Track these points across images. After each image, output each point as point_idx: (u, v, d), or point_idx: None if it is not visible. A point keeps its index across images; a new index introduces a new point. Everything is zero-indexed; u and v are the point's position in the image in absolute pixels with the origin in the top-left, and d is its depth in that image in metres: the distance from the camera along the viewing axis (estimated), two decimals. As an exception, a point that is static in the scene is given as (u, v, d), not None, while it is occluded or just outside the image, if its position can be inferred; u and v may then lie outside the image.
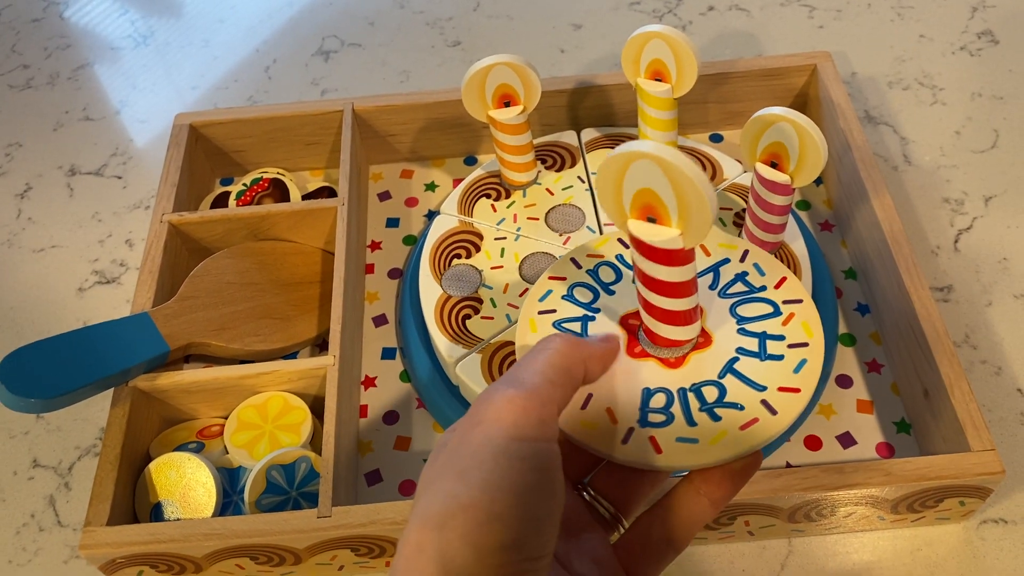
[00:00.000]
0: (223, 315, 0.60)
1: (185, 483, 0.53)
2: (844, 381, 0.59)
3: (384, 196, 0.72)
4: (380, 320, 0.65)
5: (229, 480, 0.55)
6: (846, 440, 0.57)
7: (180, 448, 0.56)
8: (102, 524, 0.50)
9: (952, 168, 0.70)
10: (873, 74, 0.77)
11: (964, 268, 0.64)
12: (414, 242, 0.69)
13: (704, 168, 0.65)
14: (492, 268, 0.61)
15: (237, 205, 0.68)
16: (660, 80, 0.61)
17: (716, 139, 0.73)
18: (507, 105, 0.61)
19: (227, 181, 0.74)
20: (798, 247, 0.60)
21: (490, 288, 0.60)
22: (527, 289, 0.60)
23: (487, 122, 0.62)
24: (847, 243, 0.66)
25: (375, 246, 0.69)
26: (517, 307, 0.59)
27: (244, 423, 0.56)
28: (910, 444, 0.56)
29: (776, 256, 0.59)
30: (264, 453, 0.54)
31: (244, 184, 0.69)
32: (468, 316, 0.59)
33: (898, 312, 0.57)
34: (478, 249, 0.62)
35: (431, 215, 0.71)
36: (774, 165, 0.55)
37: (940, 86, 0.75)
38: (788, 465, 0.56)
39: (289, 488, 0.53)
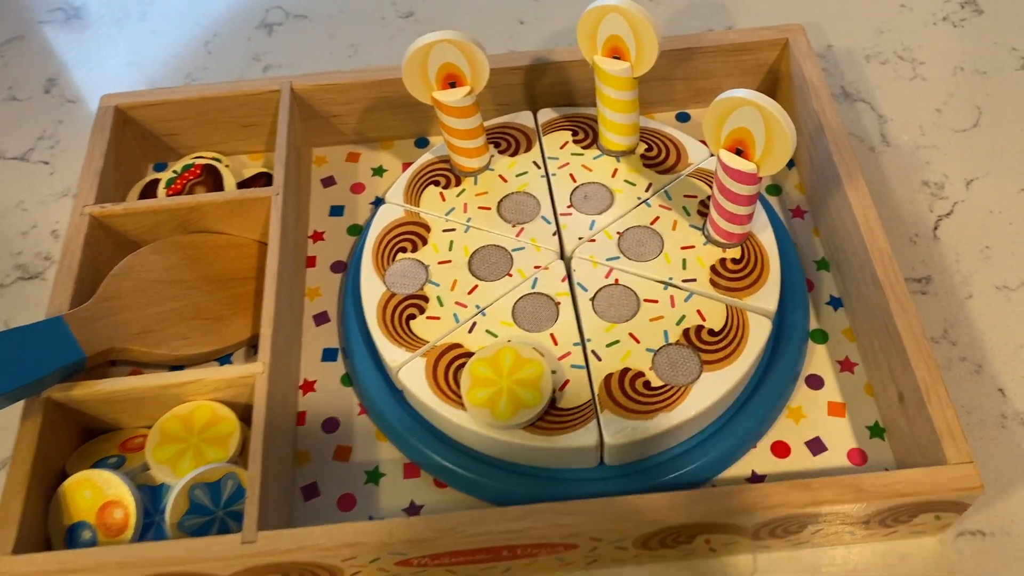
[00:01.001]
0: (147, 317, 0.55)
1: (103, 503, 0.49)
2: (815, 381, 0.55)
3: (328, 182, 0.67)
4: (321, 318, 0.60)
5: (151, 499, 0.51)
6: (816, 446, 0.53)
7: (100, 463, 0.52)
8: (7, 552, 0.46)
9: (932, 149, 0.66)
10: (850, 46, 0.72)
11: (944, 257, 0.60)
12: (359, 232, 0.65)
13: (667, 153, 0.61)
14: (439, 263, 0.57)
15: (167, 194, 0.63)
16: (618, 58, 0.56)
17: (683, 118, 0.69)
18: (452, 86, 0.56)
19: (160, 167, 0.69)
20: (766, 238, 0.56)
21: (437, 285, 0.56)
22: (476, 286, 0.55)
23: (432, 104, 0.57)
24: (820, 231, 0.62)
25: (317, 237, 0.64)
26: (465, 306, 0.55)
27: (167, 436, 0.52)
28: (883, 450, 0.53)
29: (743, 248, 0.55)
30: (188, 469, 0.50)
31: (175, 171, 0.64)
32: (412, 316, 0.54)
33: (872, 308, 0.54)
34: (425, 242, 0.58)
35: (378, 202, 0.66)
36: (739, 152, 0.51)
37: (920, 59, 0.71)
38: (753, 474, 0.52)
39: (215, 507, 0.49)
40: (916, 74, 0.70)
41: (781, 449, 0.53)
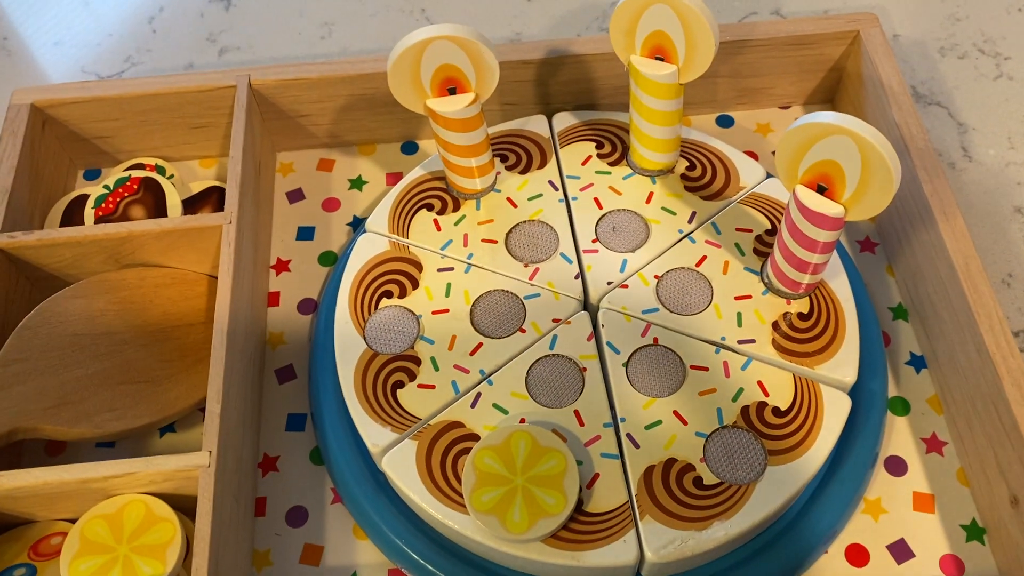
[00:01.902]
0: (63, 384, 0.44)
1: (3, 636, 0.38)
2: (896, 466, 0.45)
3: (295, 196, 0.55)
4: (286, 374, 0.49)
5: (68, 626, 0.40)
6: (900, 551, 0.43)
7: (3, 574, 0.41)
8: None
9: (1024, 166, 0.55)
10: (920, 37, 0.61)
11: (1043, 303, 0.50)
12: (333, 261, 0.53)
13: (714, 173, 0.50)
14: (434, 313, 0.45)
15: (96, 215, 0.51)
16: (662, 59, 0.44)
17: (725, 122, 0.57)
18: (452, 92, 0.44)
19: (93, 174, 0.57)
20: (839, 285, 0.45)
21: (431, 343, 0.44)
22: (481, 345, 0.44)
23: (425, 115, 0.45)
24: (895, 271, 0.51)
25: (281, 267, 0.53)
26: (467, 371, 0.44)
27: (90, 544, 0.41)
28: (984, 557, 0.43)
29: (812, 300, 0.44)
30: (114, 591, 0.39)
31: (106, 186, 0.52)
32: (400, 384, 0.43)
33: (971, 379, 0.43)
34: (415, 284, 0.46)
35: (356, 224, 0.54)
36: (822, 190, 0.39)
37: (1005, 53, 0.60)
38: (826, 588, 0.42)
39: (149, 642, 0.38)
40: (1001, 72, 0.59)
41: (858, 555, 0.43)
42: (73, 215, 0.52)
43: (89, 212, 0.51)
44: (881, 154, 0.36)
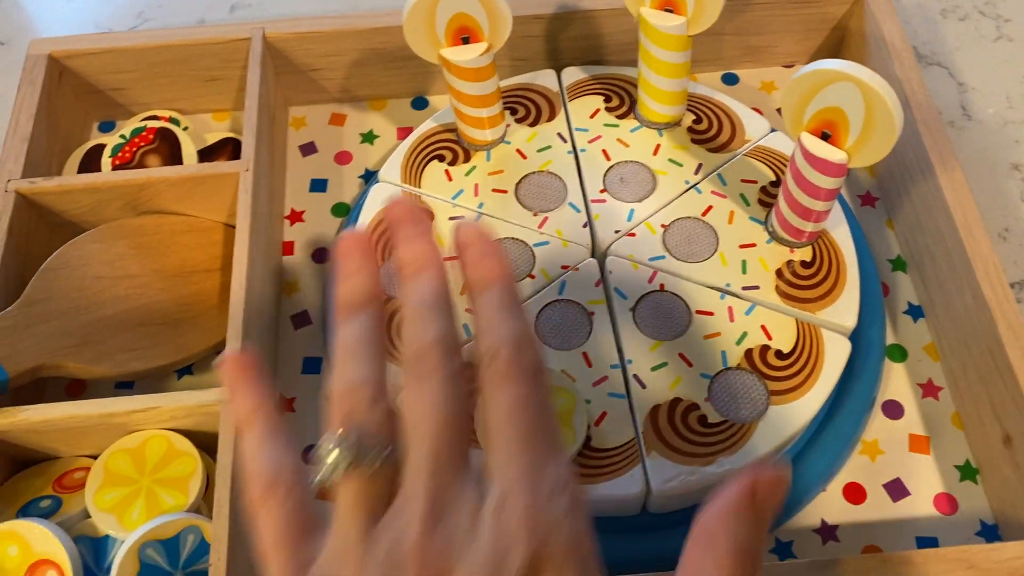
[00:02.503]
0: (86, 324, 0.45)
1: (32, 562, 0.40)
2: (893, 409, 0.47)
3: (308, 149, 0.56)
4: (301, 319, 0.50)
5: (94, 554, 0.41)
6: (896, 489, 0.44)
7: (29, 506, 0.42)
8: (-93, 634, 0.37)
9: (1022, 125, 0.56)
10: (922, -2, 0.62)
11: (1038, 257, 0.51)
12: (346, 212, 0.54)
13: (720, 127, 0.51)
14: (446, 259, 0.46)
15: (113, 165, 0.52)
16: (671, 10, 0.45)
17: (730, 80, 0.58)
18: (465, 42, 0.45)
19: (107, 126, 0.58)
20: (841, 235, 0.47)
21: (442, 287, 0.46)
22: (491, 290, 0.45)
23: (439, 63, 0.46)
24: (895, 224, 0.52)
25: (296, 217, 0.54)
26: (478, 315, 0.45)
27: (113, 475, 0.42)
28: (977, 496, 0.44)
29: (815, 248, 0.46)
30: (139, 520, 0.41)
31: (122, 136, 0.53)
32: (413, 326, 0.44)
33: (967, 325, 0.44)
34: (427, 232, 0.47)
35: (368, 176, 0.55)
36: (826, 137, 0.41)
37: (1006, 15, 0.61)
38: (824, 524, 0.44)
39: (172, 569, 0.40)
40: (1001, 33, 0.60)
41: (855, 493, 0.44)
42: (90, 164, 0.53)
43: (106, 161, 0.52)
44: (884, 100, 0.37)
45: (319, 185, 0.55)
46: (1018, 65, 0.58)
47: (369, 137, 0.57)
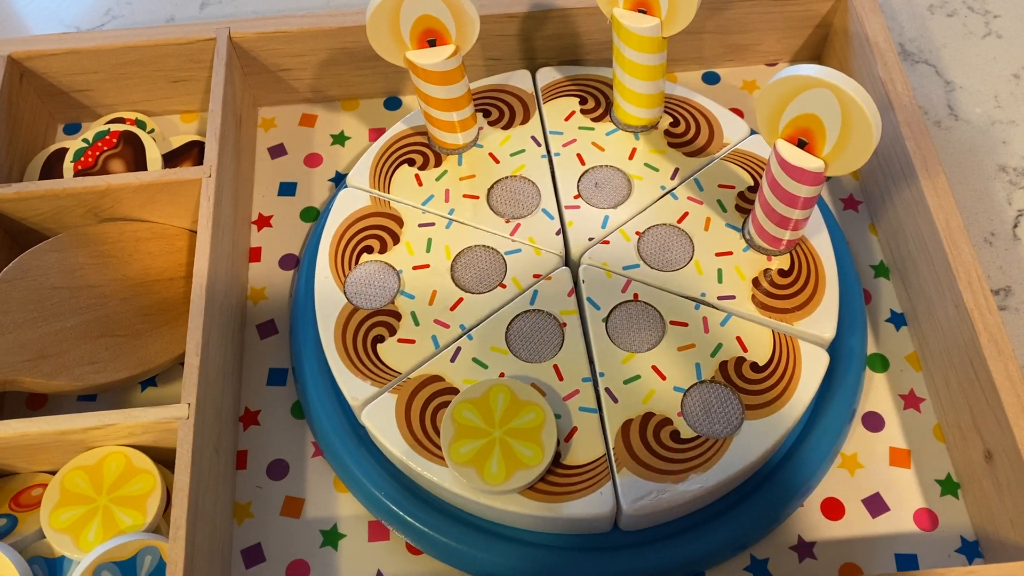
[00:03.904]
0: (43, 337, 0.44)
1: (-16, 584, 0.39)
2: (873, 421, 0.45)
3: (277, 151, 0.55)
4: (267, 328, 0.49)
5: (49, 575, 0.40)
6: (875, 504, 0.43)
7: (-17, 526, 0.41)
8: None
9: (1010, 125, 0.54)
10: (909, -7, 0.60)
11: (1024, 262, 0.50)
12: (315, 217, 0.53)
13: (697, 130, 0.49)
14: (415, 268, 0.45)
15: (75, 169, 0.51)
16: (644, 11, 0.44)
17: (711, 79, 0.57)
18: (432, 44, 0.44)
19: (73, 128, 0.56)
20: (820, 242, 0.45)
21: (411, 297, 0.44)
22: (461, 300, 0.44)
23: (405, 67, 0.45)
24: (878, 229, 0.51)
25: (263, 222, 0.53)
26: (447, 326, 0.44)
27: (70, 494, 0.41)
28: (958, 511, 0.43)
29: (793, 256, 0.44)
30: (95, 541, 0.40)
31: (85, 140, 0.52)
32: (380, 338, 0.43)
33: (949, 336, 0.43)
34: (396, 240, 0.46)
35: (338, 179, 0.54)
36: (802, 144, 0.39)
37: (995, 12, 0.59)
38: (800, 541, 0.42)
39: (129, 591, 0.39)
40: (990, 30, 0.58)
41: (834, 508, 0.43)
42: (52, 169, 0.52)
43: (68, 166, 0.51)
44: (861, 107, 0.36)
45: (288, 189, 0.53)
46: (1007, 63, 0.57)
47: (340, 139, 0.55)
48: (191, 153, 0.53)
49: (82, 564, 0.38)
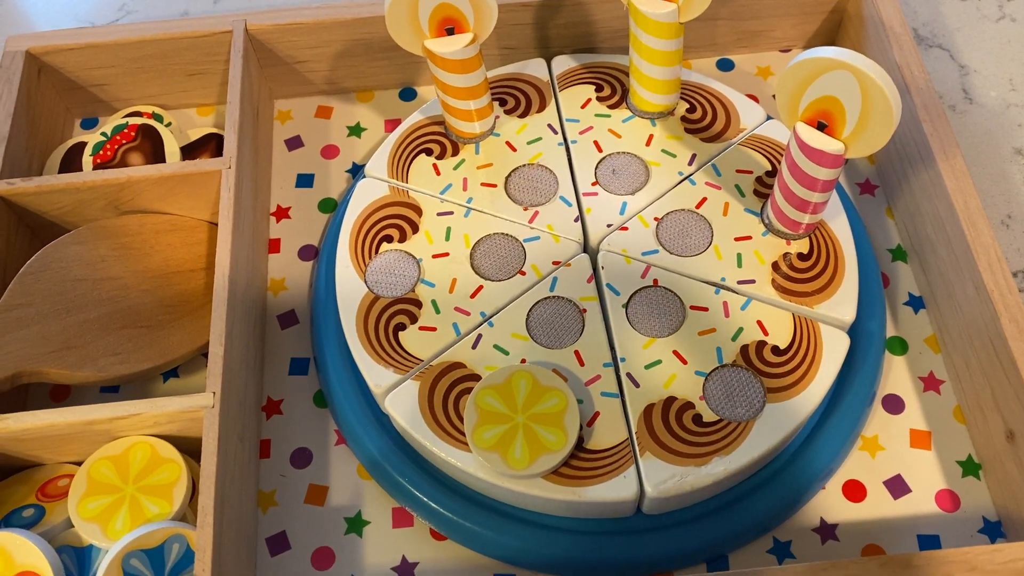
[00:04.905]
0: (67, 328, 0.44)
1: (14, 574, 0.39)
2: (894, 404, 0.46)
3: (294, 143, 0.55)
4: (288, 319, 0.49)
5: (77, 564, 0.40)
6: (897, 486, 0.43)
7: (12, 516, 0.41)
8: None
9: (1026, 108, 0.54)
10: (922, -22, 0.60)
11: (1042, 244, 0.50)
12: (333, 208, 0.53)
13: (714, 115, 0.49)
14: (434, 256, 0.46)
15: (94, 163, 0.51)
16: (661, -3, 0.44)
17: (725, 65, 0.57)
18: (450, 33, 0.44)
19: (90, 122, 0.57)
20: (839, 226, 0.45)
21: (431, 285, 0.45)
22: (481, 288, 0.44)
23: (423, 55, 0.45)
24: (895, 213, 0.51)
25: (281, 213, 0.53)
26: (468, 313, 0.44)
27: (97, 484, 0.41)
28: (979, 492, 0.43)
29: (812, 240, 0.44)
30: (123, 530, 0.40)
31: (104, 134, 0.52)
32: (402, 326, 0.44)
33: (969, 317, 0.43)
34: (415, 229, 0.46)
35: (355, 171, 0.54)
36: (822, 127, 0.39)
37: (1008, -5, 0.59)
38: (823, 523, 0.43)
39: (157, 578, 0.39)
40: (1004, 13, 0.58)
41: (855, 491, 0.43)
42: (71, 163, 0.52)
43: (87, 160, 0.51)
44: (881, 88, 0.36)
45: (305, 180, 0.54)
46: (1021, 46, 0.57)
47: (356, 130, 0.55)
48: (208, 146, 0.53)
49: (111, 552, 0.39)
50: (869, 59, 0.36)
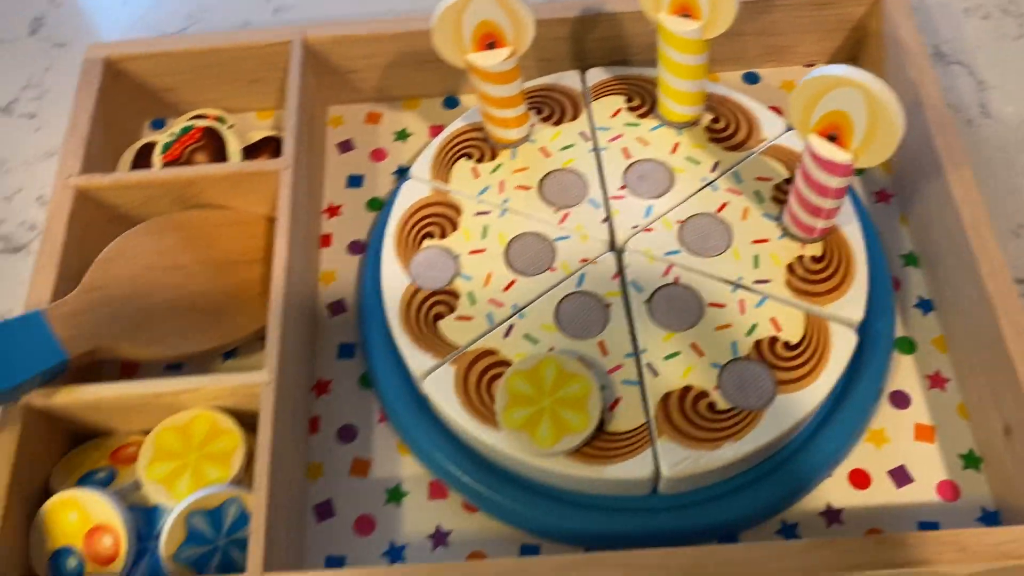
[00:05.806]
0: (139, 310, 0.48)
1: (90, 528, 0.43)
2: (900, 400, 0.48)
3: (345, 146, 0.60)
4: (337, 307, 0.54)
5: (145, 521, 0.45)
6: (900, 476, 0.46)
7: (87, 477, 0.46)
8: (-19, 587, 0.41)
9: (1040, 123, 0.57)
10: (945, -3, 0.63)
11: (1051, 253, 0.52)
12: (380, 207, 0.57)
13: (737, 126, 0.53)
14: (471, 252, 0.49)
15: (163, 161, 0.56)
16: (687, 16, 0.47)
17: (751, 79, 0.60)
18: (491, 47, 0.48)
19: (158, 124, 0.61)
20: (851, 231, 0.48)
21: (468, 279, 0.48)
22: (514, 282, 0.48)
23: (466, 68, 0.49)
24: (908, 220, 0.54)
25: (333, 211, 0.57)
26: (501, 305, 0.47)
27: (162, 451, 0.46)
28: (979, 484, 0.46)
29: (826, 244, 0.47)
30: (186, 491, 0.44)
31: (172, 134, 0.57)
32: (440, 316, 0.47)
33: (973, 319, 0.46)
34: (455, 227, 0.50)
35: (401, 173, 0.58)
36: (832, 139, 0.42)
37: (1028, 14, 0.62)
38: (829, 508, 0.46)
39: (215, 536, 0.43)
40: (1023, 32, 0.61)
41: (860, 478, 0.46)
42: (142, 160, 0.57)
43: (157, 158, 0.56)
44: (885, 104, 0.39)
45: (355, 181, 0.58)
46: (1038, 63, 0.59)
47: (403, 135, 0.60)
48: (267, 147, 0.57)
49: (175, 511, 0.43)
50: (875, 77, 0.40)
